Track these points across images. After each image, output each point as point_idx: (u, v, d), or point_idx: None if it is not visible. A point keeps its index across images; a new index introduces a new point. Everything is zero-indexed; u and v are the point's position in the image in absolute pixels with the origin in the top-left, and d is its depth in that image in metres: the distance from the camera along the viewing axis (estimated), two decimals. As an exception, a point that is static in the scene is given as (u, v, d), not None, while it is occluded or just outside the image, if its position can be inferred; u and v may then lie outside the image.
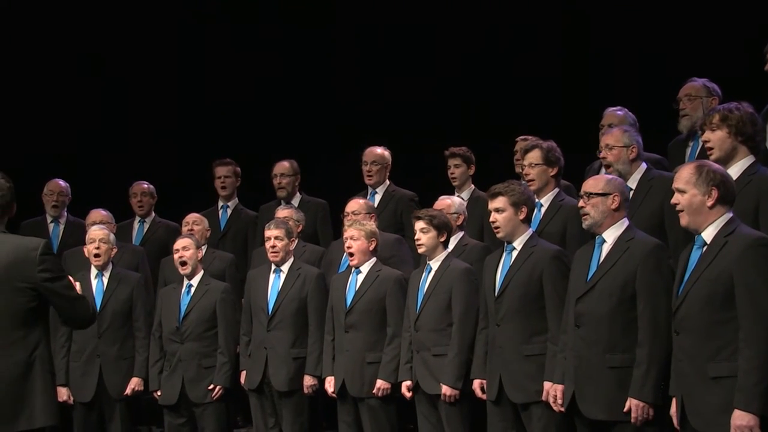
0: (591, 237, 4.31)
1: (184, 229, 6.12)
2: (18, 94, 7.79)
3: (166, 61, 7.95)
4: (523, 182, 4.75)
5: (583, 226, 4.13)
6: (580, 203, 4.11)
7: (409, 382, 4.91)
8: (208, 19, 7.93)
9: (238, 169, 6.79)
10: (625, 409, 3.85)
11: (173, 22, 7.94)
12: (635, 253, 3.93)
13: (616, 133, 4.68)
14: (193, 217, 6.20)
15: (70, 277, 3.57)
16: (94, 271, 5.73)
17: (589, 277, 4.03)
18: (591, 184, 4.11)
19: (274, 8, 7.81)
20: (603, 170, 5.09)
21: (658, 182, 4.51)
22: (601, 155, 4.73)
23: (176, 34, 7.95)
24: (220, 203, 6.79)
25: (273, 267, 5.50)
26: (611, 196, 4.04)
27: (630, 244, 3.97)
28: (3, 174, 3.48)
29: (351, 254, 5.18)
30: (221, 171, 6.75)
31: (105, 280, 5.72)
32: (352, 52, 7.66)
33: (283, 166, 6.52)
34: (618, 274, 3.94)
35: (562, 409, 4.12)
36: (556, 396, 4.14)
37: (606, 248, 4.04)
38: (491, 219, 4.50)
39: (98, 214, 6.20)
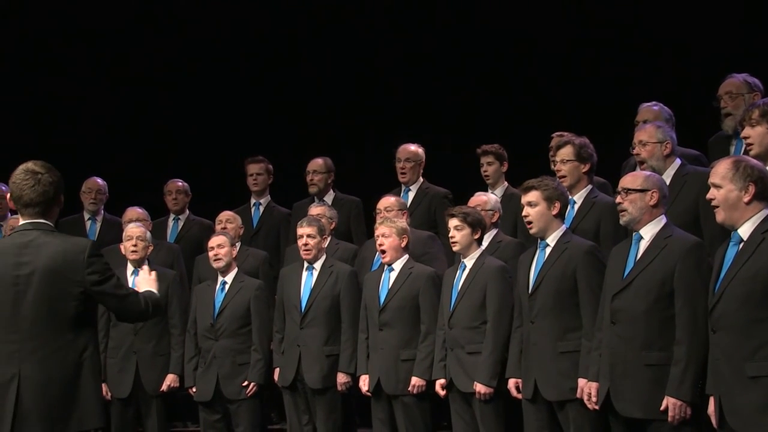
0: (626, 234, 4.30)
1: (218, 227, 6.15)
2: (56, 89, 7.87)
3: (200, 60, 7.99)
4: (557, 179, 4.73)
5: (621, 222, 4.10)
6: (618, 199, 4.08)
7: (443, 380, 4.91)
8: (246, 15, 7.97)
9: (270, 166, 6.81)
10: (662, 408, 3.81)
11: (209, 19, 7.98)
12: (674, 250, 3.90)
13: (650, 129, 4.65)
14: (226, 214, 6.23)
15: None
16: (130, 268, 5.78)
17: (625, 273, 4.00)
18: (629, 180, 4.08)
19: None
20: (639, 167, 5.06)
21: (692, 178, 4.47)
22: (635, 151, 4.69)
23: (211, 30, 7.98)
24: (253, 200, 6.82)
25: (305, 264, 5.52)
26: (649, 193, 4.01)
27: (668, 241, 3.94)
28: (49, 167, 3.44)
29: (383, 251, 5.18)
30: (253, 168, 6.77)
31: (141, 277, 5.77)
32: (388, 49, 7.65)
33: (317, 163, 6.54)
34: (656, 271, 3.91)
35: (597, 407, 4.09)
36: (590, 393, 4.12)
37: (643, 245, 4.00)
38: (524, 213, 4.48)
39: (135, 211, 6.26)
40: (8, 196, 3.48)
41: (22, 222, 3.43)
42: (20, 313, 3.31)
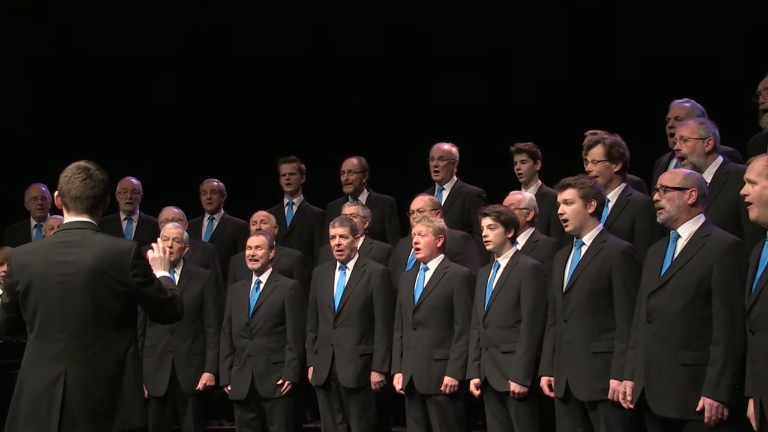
0: (662, 233, 4.26)
1: (252, 227, 6.18)
2: (89, 89, 7.95)
3: (233, 60, 8.04)
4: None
5: (658, 220, 4.06)
6: (656, 196, 4.04)
7: (477, 380, 4.91)
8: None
9: (303, 166, 6.81)
10: (698, 408, 3.78)
11: (238, 20, 8.02)
12: (712, 249, 3.86)
13: (692, 125, 4.59)
14: (261, 214, 6.25)
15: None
16: (165, 268, 5.83)
17: (662, 272, 3.97)
18: (668, 178, 4.04)
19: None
20: (672, 165, 5.02)
21: (734, 175, 4.38)
22: (676, 147, 4.64)
23: (242, 30, 8.02)
24: (286, 200, 6.83)
25: (338, 264, 5.53)
26: (688, 191, 3.97)
27: (706, 240, 3.90)
28: (99, 167, 3.47)
29: (418, 249, 5.18)
30: (286, 168, 6.79)
31: (177, 277, 5.79)
32: (422, 50, 7.64)
33: (351, 162, 6.55)
34: (693, 270, 3.87)
35: (632, 406, 4.07)
36: (625, 393, 4.09)
37: (681, 244, 3.97)
38: (559, 211, 4.46)
39: (171, 211, 6.30)
40: (55, 194, 3.49)
41: (68, 219, 3.46)
42: (66, 312, 3.34)
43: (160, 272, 3.64)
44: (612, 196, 4.75)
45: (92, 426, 3.31)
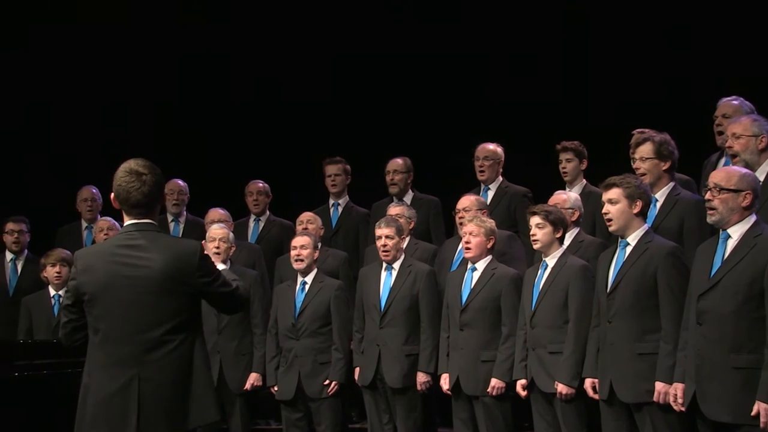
0: (711, 233, 4.20)
1: (299, 227, 6.20)
2: (131, 91, 8.04)
3: (279, 61, 8.08)
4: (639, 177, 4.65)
5: (708, 220, 4.00)
6: (708, 196, 3.96)
7: (524, 381, 4.88)
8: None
9: (348, 166, 6.83)
10: (753, 413, 3.72)
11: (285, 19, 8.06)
12: (764, 249, 3.79)
13: (745, 122, 4.52)
14: (307, 215, 6.28)
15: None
16: (213, 269, 5.88)
17: (712, 273, 3.91)
18: (722, 177, 3.96)
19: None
20: (721, 163, 4.95)
21: None
22: (727, 144, 4.58)
23: (287, 30, 8.05)
24: (331, 201, 6.85)
25: (384, 264, 5.54)
26: (743, 194, 3.90)
27: (758, 240, 3.83)
28: (150, 166, 3.45)
29: (468, 249, 5.17)
30: (331, 169, 6.80)
31: (223, 278, 5.86)
32: (467, 51, 7.63)
33: (396, 163, 6.56)
34: (744, 271, 3.81)
35: (683, 409, 4.02)
36: (676, 395, 4.04)
37: (731, 244, 3.91)
38: (604, 210, 4.42)
39: (217, 213, 6.33)
40: (112, 196, 3.51)
41: (127, 222, 3.46)
42: (137, 316, 3.35)
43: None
44: (660, 196, 4.70)
45: (168, 426, 3.34)
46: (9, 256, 6.70)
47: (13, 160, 7.88)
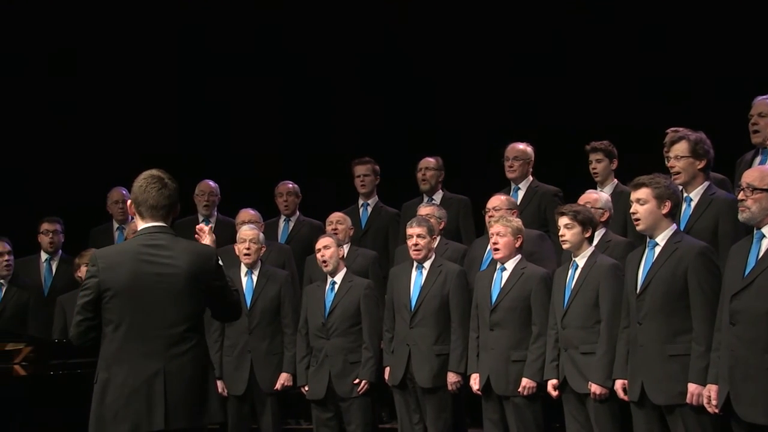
0: (746, 232, 4.15)
1: (328, 228, 6.22)
2: (163, 93, 8.11)
3: (308, 62, 8.10)
4: (670, 177, 4.61)
5: (740, 218, 3.96)
6: (740, 195, 3.93)
7: (555, 381, 4.86)
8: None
9: (377, 167, 6.84)
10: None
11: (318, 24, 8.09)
12: (799, 248, 3.76)
13: None
14: (336, 216, 6.29)
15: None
16: (243, 269, 5.90)
17: (746, 273, 3.88)
18: (756, 177, 3.93)
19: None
20: (756, 162, 4.89)
21: None
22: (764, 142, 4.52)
23: (316, 33, 8.08)
24: (361, 201, 6.86)
25: (415, 264, 5.54)
26: None
27: (793, 239, 3.80)
28: (169, 175, 3.59)
29: (497, 249, 5.16)
30: (360, 170, 6.82)
31: (254, 278, 5.89)
32: (496, 52, 7.61)
33: (428, 160, 6.57)
34: (779, 270, 3.77)
35: (717, 410, 3.98)
36: (710, 397, 4.00)
37: (766, 243, 3.87)
38: (632, 210, 4.39)
39: (248, 213, 6.37)
40: (128, 201, 3.60)
41: (144, 225, 3.55)
42: (163, 313, 3.45)
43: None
44: (695, 195, 4.66)
45: (190, 419, 3.44)
46: (44, 256, 6.79)
47: (48, 161, 7.97)
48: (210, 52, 8.13)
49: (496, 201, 5.58)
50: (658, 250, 4.33)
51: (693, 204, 4.66)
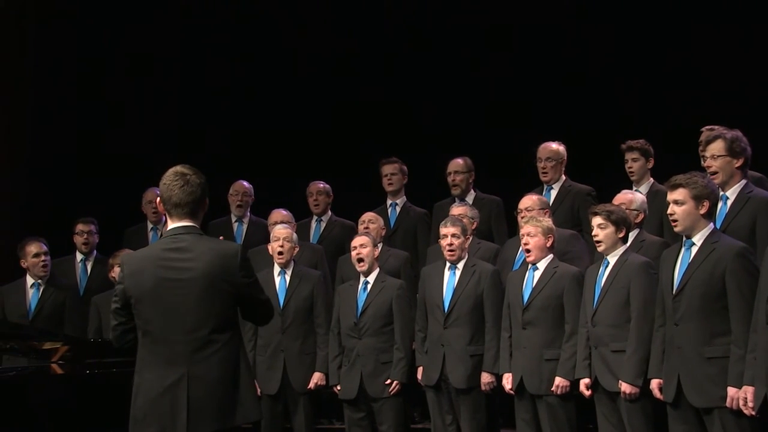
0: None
1: (360, 227, 6.23)
2: (200, 97, 8.15)
3: (337, 63, 8.12)
4: (707, 175, 4.56)
5: None
6: None
7: (587, 380, 4.83)
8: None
9: (404, 166, 6.83)
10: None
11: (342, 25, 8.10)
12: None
13: None
14: (369, 215, 6.30)
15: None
16: (276, 269, 5.92)
17: (784, 272, 3.83)
18: None
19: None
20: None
21: None
22: None
23: (344, 34, 8.09)
24: (389, 201, 6.85)
25: (448, 264, 5.53)
26: None
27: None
28: (196, 170, 3.56)
29: (527, 250, 5.14)
30: (388, 169, 6.81)
31: (287, 278, 5.90)
32: (524, 53, 7.58)
33: (457, 163, 6.54)
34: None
35: (754, 413, 3.93)
36: (746, 398, 3.95)
37: (804, 243, 3.82)
38: (669, 211, 4.35)
39: (280, 214, 6.40)
40: (158, 200, 3.61)
41: (172, 225, 3.55)
42: (184, 316, 3.44)
43: None
44: (731, 193, 4.61)
45: (216, 423, 3.41)
46: (79, 256, 6.86)
47: (82, 163, 8.06)
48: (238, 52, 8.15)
49: (528, 201, 5.56)
50: (694, 250, 4.29)
51: (729, 202, 4.61)
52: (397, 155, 6.86)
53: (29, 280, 6.38)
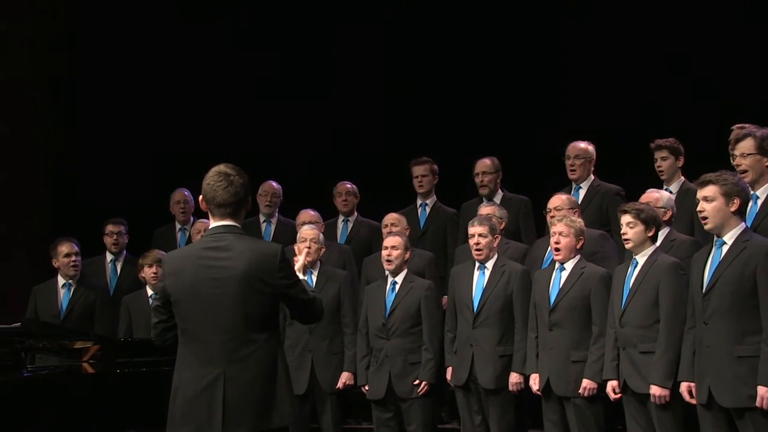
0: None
1: (384, 229, 6.20)
2: (229, 98, 8.20)
3: (362, 62, 8.12)
4: (737, 174, 4.52)
5: None
6: None
7: (614, 382, 4.80)
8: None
9: (435, 167, 6.81)
10: None
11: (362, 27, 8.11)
12: None
13: None
14: (391, 217, 6.28)
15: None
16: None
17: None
18: None
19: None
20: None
21: None
22: None
23: (359, 35, 8.10)
24: (419, 201, 6.84)
25: (477, 264, 5.52)
26: None
27: None
28: (239, 170, 3.56)
29: (557, 249, 5.11)
30: (418, 170, 6.80)
31: (314, 278, 5.91)
32: (548, 45, 7.55)
33: (485, 163, 6.52)
34: None
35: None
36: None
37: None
38: (699, 209, 4.32)
39: (308, 214, 6.41)
40: (200, 198, 3.63)
41: (213, 224, 3.56)
42: (221, 316, 3.43)
43: (299, 275, 3.71)
44: (761, 193, 4.56)
45: (252, 425, 3.40)
46: (109, 257, 6.92)
47: (112, 163, 8.13)
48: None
49: (557, 201, 5.54)
50: (725, 249, 4.26)
51: (760, 202, 4.57)
52: (427, 154, 6.84)
53: (60, 280, 6.46)
